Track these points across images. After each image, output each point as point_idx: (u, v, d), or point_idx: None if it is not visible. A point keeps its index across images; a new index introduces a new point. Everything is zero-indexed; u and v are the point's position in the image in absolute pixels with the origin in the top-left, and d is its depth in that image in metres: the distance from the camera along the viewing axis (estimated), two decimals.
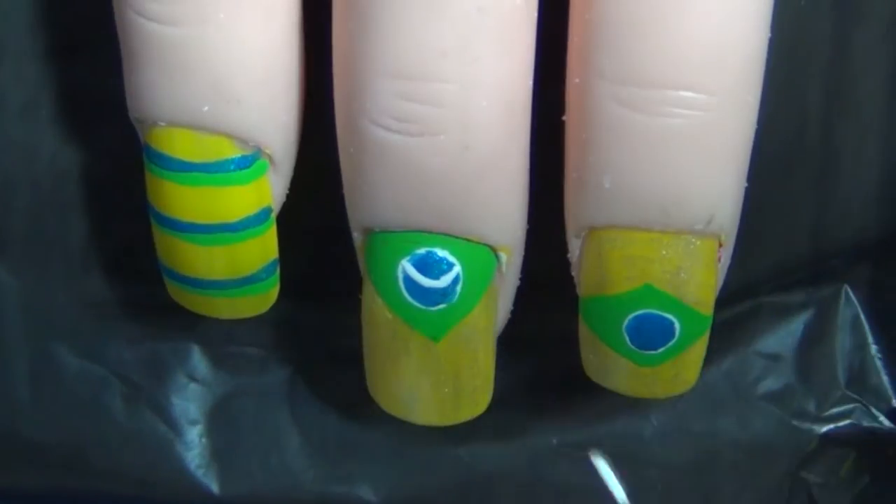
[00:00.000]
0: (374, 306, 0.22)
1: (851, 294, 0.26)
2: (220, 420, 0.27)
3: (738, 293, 0.26)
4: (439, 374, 0.22)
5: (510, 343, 0.24)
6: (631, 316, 0.21)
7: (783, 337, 0.26)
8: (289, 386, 0.27)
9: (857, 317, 0.26)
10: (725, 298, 0.25)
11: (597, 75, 0.20)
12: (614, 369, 0.22)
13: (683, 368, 0.22)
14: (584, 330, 0.22)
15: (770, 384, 0.26)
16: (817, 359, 0.26)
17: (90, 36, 0.24)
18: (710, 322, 0.22)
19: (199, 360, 0.27)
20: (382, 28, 0.20)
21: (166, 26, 0.20)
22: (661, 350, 0.22)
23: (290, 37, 0.21)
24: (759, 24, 0.20)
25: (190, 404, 0.27)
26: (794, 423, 0.26)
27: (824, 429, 0.26)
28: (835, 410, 0.26)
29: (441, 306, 0.22)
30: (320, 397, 0.27)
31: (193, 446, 0.27)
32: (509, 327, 0.24)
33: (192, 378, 0.27)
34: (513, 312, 0.23)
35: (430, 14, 0.19)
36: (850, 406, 0.26)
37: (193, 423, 0.27)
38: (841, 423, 0.26)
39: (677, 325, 0.21)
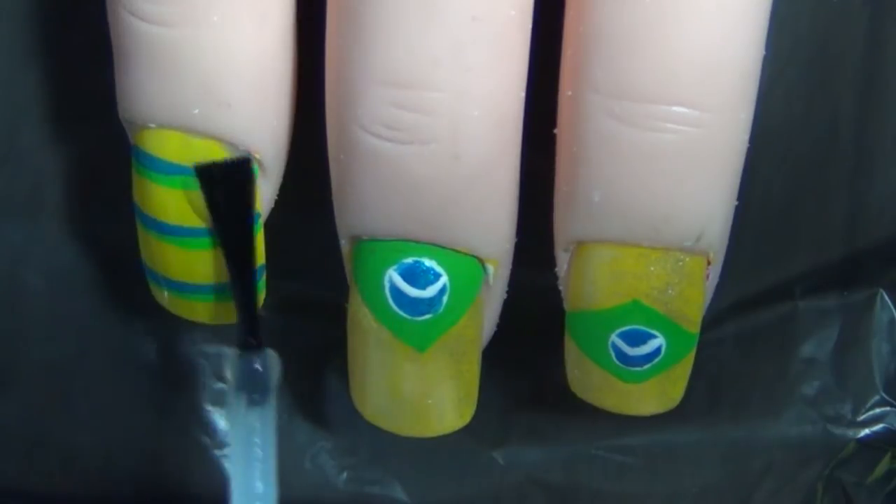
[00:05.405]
0: (359, 315, 0.22)
1: (887, 298, 0.26)
2: None
3: (774, 294, 0.26)
4: (423, 385, 0.22)
5: (545, 345, 0.23)
6: (617, 331, 0.21)
7: (819, 341, 0.26)
8: (321, 388, 0.27)
9: (892, 321, 0.26)
10: (761, 300, 0.25)
11: (590, 89, 0.20)
12: (599, 385, 0.22)
13: (669, 386, 0.22)
14: (569, 345, 0.22)
15: (806, 388, 0.26)
16: (853, 363, 0.26)
17: (82, 35, 0.24)
18: (696, 340, 0.22)
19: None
20: (376, 35, 0.20)
21: (160, 27, 0.20)
22: (646, 367, 0.22)
23: (284, 41, 0.21)
24: (753, 41, 0.20)
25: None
26: (830, 427, 0.26)
27: (860, 433, 0.26)
28: (871, 414, 0.26)
29: (427, 316, 0.21)
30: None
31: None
32: (545, 329, 0.23)
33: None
34: (549, 315, 0.23)
35: (424, 22, 0.19)
36: (886, 409, 0.26)
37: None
38: (877, 427, 0.26)
39: (663, 343, 0.21)
